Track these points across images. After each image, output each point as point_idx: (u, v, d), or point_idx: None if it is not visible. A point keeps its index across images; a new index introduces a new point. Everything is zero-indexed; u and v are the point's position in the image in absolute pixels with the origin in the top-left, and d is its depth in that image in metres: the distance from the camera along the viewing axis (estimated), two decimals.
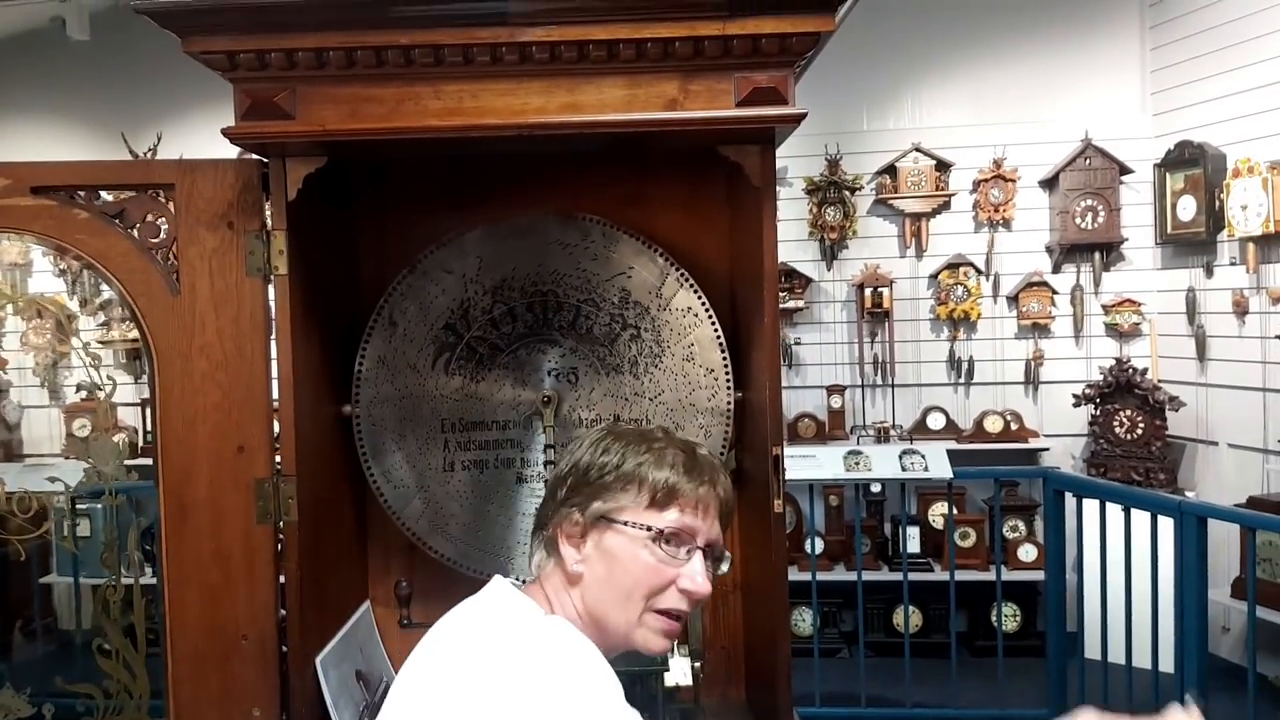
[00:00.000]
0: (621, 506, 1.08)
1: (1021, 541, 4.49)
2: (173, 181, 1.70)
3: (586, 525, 1.09)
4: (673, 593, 1.08)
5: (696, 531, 1.10)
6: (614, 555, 1.07)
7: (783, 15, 1.48)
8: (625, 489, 1.08)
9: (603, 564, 1.08)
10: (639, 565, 1.07)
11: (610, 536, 1.08)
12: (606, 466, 1.10)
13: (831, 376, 4.92)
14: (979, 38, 4.84)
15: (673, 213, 2.00)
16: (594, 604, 1.09)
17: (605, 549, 1.08)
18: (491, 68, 1.50)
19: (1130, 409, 4.49)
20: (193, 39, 1.49)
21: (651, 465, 1.09)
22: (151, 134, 4.96)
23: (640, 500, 1.08)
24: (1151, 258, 4.74)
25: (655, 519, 1.08)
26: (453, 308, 1.92)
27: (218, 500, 1.69)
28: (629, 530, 1.07)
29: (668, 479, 1.09)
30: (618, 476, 1.09)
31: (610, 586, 1.08)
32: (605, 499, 1.08)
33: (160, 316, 1.70)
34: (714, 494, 1.12)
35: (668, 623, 1.09)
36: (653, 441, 1.13)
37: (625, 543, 1.07)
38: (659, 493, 1.08)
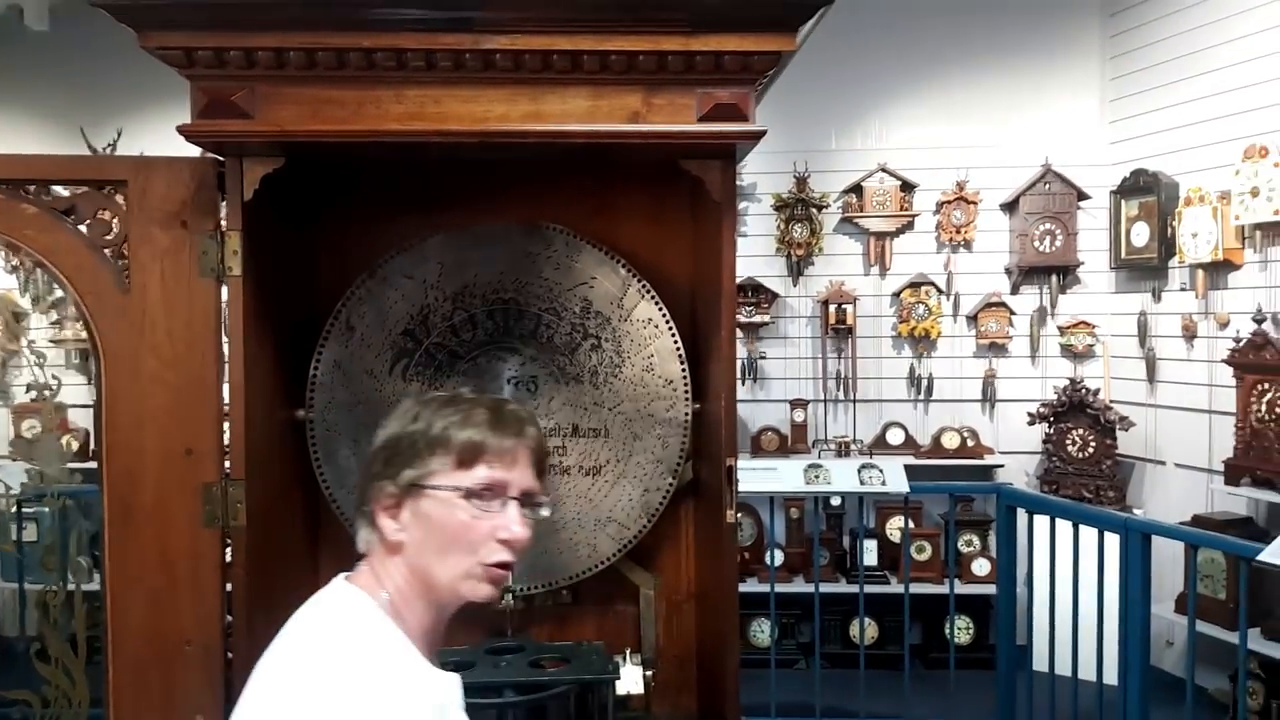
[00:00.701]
0: (431, 471, 1.11)
1: (976, 556, 4.55)
2: (125, 178, 1.67)
3: (400, 495, 1.12)
4: (492, 544, 1.11)
5: (507, 484, 1.12)
6: (430, 518, 1.10)
7: (745, 34, 1.50)
8: (433, 454, 1.11)
9: (420, 529, 1.11)
10: (454, 523, 1.10)
11: (424, 502, 1.11)
12: (415, 434, 1.12)
13: (795, 391, 4.95)
14: (946, 63, 4.92)
15: (637, 224, 2.00)
16: (418, 567, 1.12)
17: (421, 514, 1.11)
18: (455, 74, 1.50)
19: (1082, 428, 4.58)
20: (150, 34, 1.48)
21: (456, 426, 1.12)
22: (112, 129, 4.87)
23: (448, 462, 1.11)
24: (1106, 281, 4.84)
25: (464, 478, 1.10)
26: (412, 314, 1.91)
27: (164, 504, 1.67)
28: (440, 494, 1.10)
29: (472, 437, 1.11)
30: (426, 443, 1.11)
31: (431, 548, 1.11)
32: (415, 466, 1.11)
33: (109, 315, 1.67)
34: (522, 445, 1.14)
35: (493, 572, 1.12)
36: (459, 403, 1.15)
37: (438, 505, 1.10)
38: (465, 452, 1.11)
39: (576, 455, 1.94)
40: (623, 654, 1.92)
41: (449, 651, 1.86)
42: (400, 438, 1.13)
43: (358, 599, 1.12)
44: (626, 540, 1.94)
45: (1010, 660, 3.69)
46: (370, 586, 1.13)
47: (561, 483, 1.94)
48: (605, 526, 1.94)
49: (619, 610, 2.03)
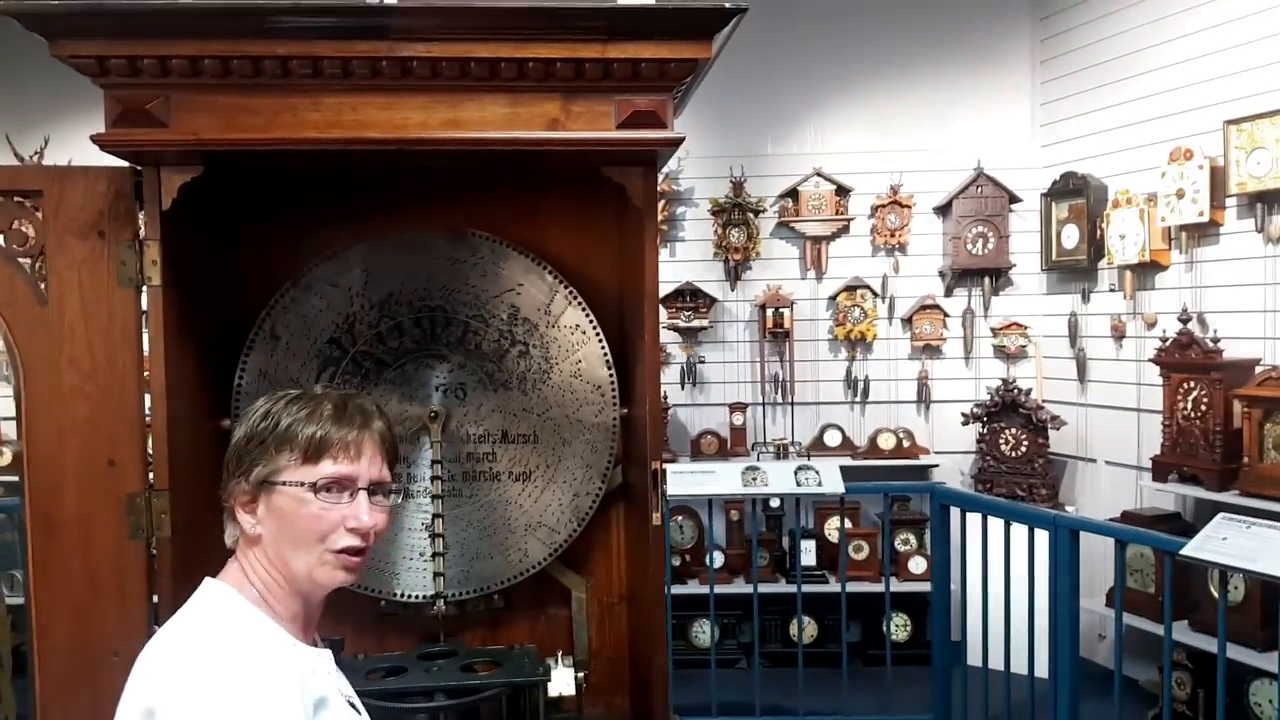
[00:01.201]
0: (280, 468, 1.16)
1: (912, 554, 4.64)
2: (41, 188, 1.65)
3: (254, 492, 1.17)
4: (341, 532, 1.17)
5: (355, 476, 1.18)
6: (282, 512, 1.16)
7: (661, 41, 1.53)
8: (280, 451, 1.16)
9: (274, 522, 1.17)
10: (305, 516, 1.16)
11: (276, 497, 1.16)
12: (264, 432, 1.18)
13: (734, 394, 5.01)
14: (880, 69, 5.02)
15: (564, 231, 2.02)
16: (276, 557, 1.18)
17: (274, 509, 1.17)
18: (371, 81, 1.51)
19: (1015, 427, 4.69)
20: (61, 42, 1.46)
21: (302, 423, 1.17)
22: (38, 136, 4.77)
23: (295, 459, 1.16)
24: (1037, 283, 4.97)
25: (310, 474, 1.16)
26: (338, 322, 1.91)
27: (87, 515, 1.64)
28: (289, 489, 1.16)
29: (315, 433, 1.16)
30: (274, 440, 1.17)
31: (285, 540, 1.17)
32: (265, 464, 1.16)
33: (27, 327, 1.65)
34: (367, 437, 1.20)
35: (345, 559, 1.18)
36: (307, 400, 1.20)
37: (288, 500, 1.16)
38: (310, 448, 1.16)
39: (506, 461, 1.96)
40: (555, 656, 1.93)
41: (380, 658, 1.86)
42: (251, 436, 1.18)
43: (221, 591, 1.18)
44: (557, 544, 1.96)
45: (945, 656, 3.77)
46: (238, 581, 1.19)
47: (491, 489, 1.95)
48: (536, 531, 1.96)
49: (551, 613, 2.05)
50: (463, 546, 1.94)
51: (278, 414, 1.18)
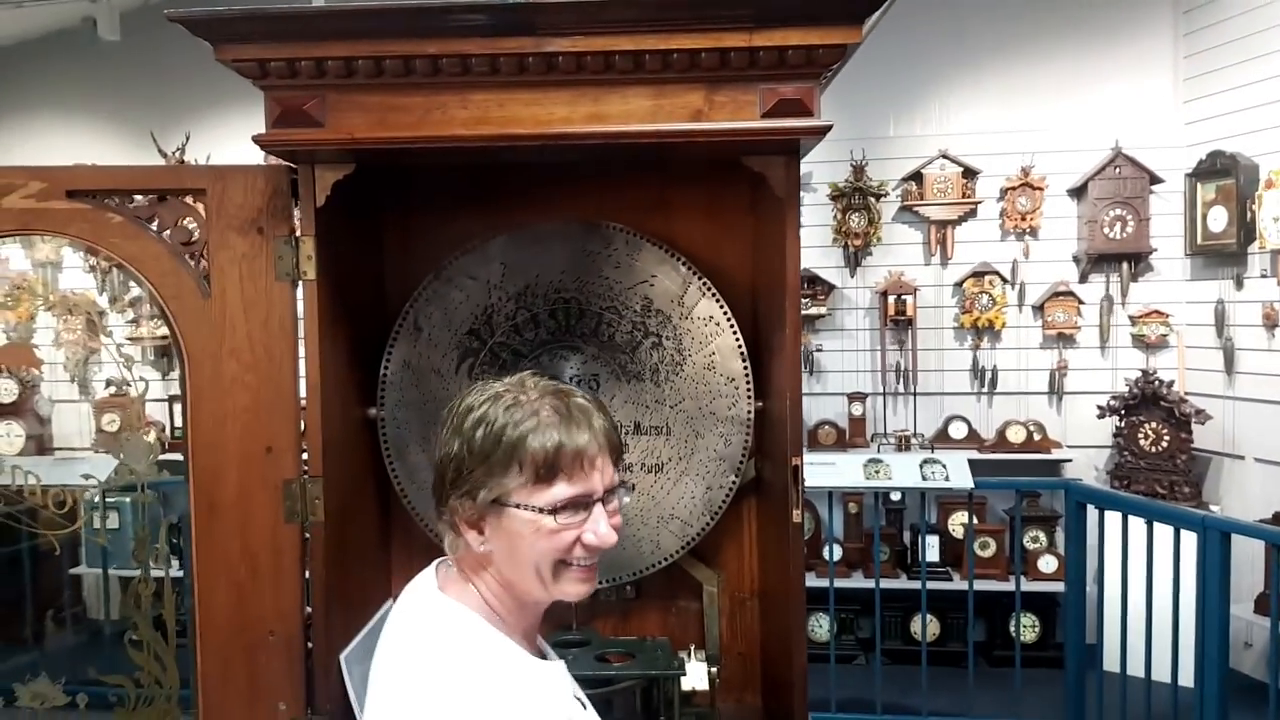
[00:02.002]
0: (509, 490, 1.07)
1: (1042, 552, 4.46)
2: (204, 187, 1.73)
3: (482, 511, 1.09)
4: (580, 548, 1.09)
5: (591, 491, 1.09)
6: (515, 534, 1.07)
7: (809, 27, 1.48)
8: (508, 470, 1.06)
9: (507, 542, 1.08)
10: (541, 539, 1.07)
11: (507, 520, 1.08)
12: (487, 448, 1.07)
13: (853, 384, 4.90)
14: (1008, 44, 4.81)
15: (695, 221, 2.01)
16: (508, 577, 1.11)
17: (505, 530, 1.08)
18: (518, 77, 1.51)
19: (1155, 421, 4.45)
20: (225, 47, 1.52)
21: (529, 437, 1.06)
22: (180, 133, 5.03)
23: (526, 479, 1.06)
24: (1180, 269, 4.69)
25: (545, 497, 1.07)
26: (476, 314, 1.94)
27: (246, 499, 1.72)
28: (523, 513, 1.07)
29: (545, 448, 1.06)
30: (499, 459, 1.06)
31: (518, 561, 1.09)
32: (491, 486, 1.07)
33: (191, 319, 1.73)
34: (596, 441, 1.09)
35: (583, 572, 1.10)
36: (523, 402, 1.10)
37: (523, 523, 1.07)
38: (541, 469, 1.06)
39: (639, 453, 1.96)
40: (686, 650, 1.93)
41: None
42: (472, 451, 1.08)
43: (459, 612, 1.11)
44: (689, 537, 1.95)
45: (1079, 659, 3.61)
46: (465, 596, 1.12)
47: None
48: (668, 523, 1.95)
49: (681, 606, 2.05)
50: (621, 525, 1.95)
51: (495, 422, 1.07)
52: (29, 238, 4.66)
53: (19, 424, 5.10)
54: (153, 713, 1.97)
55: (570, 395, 1.13)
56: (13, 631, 4.15)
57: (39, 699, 2.10)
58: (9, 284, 5.04)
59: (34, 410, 5.23)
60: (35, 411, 5.24)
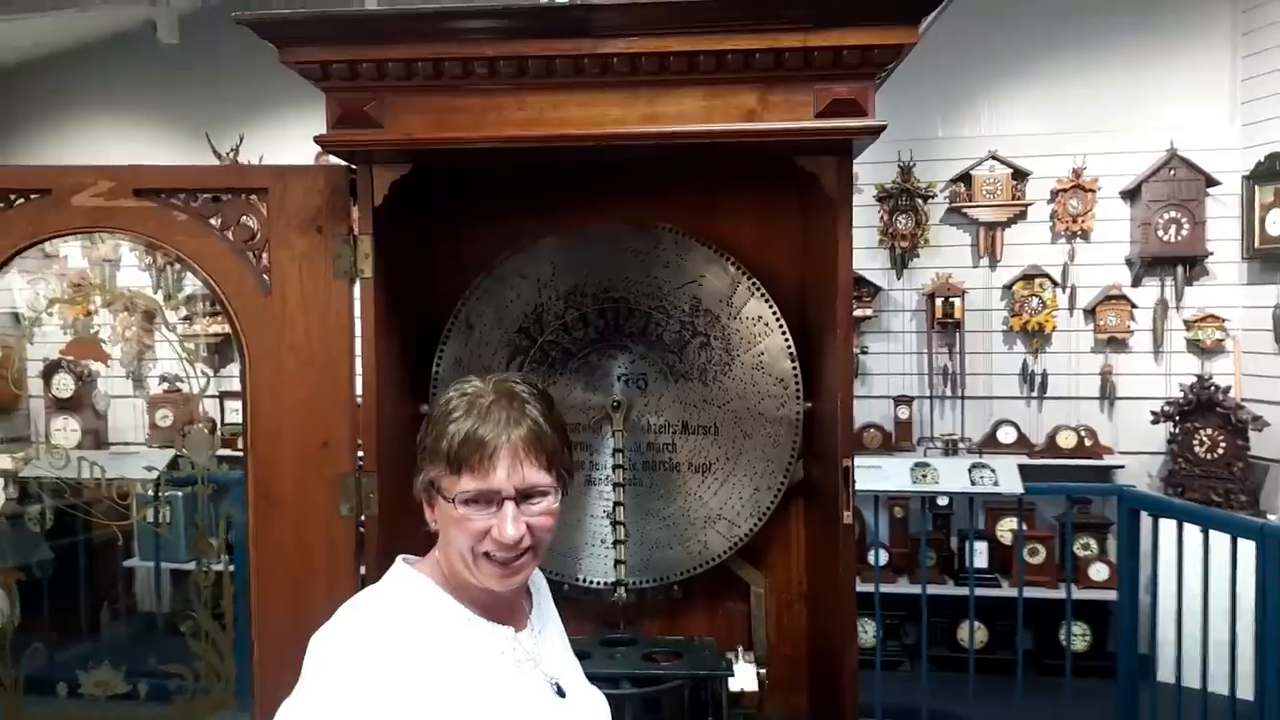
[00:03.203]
0: (437, 476, 1.18)
1: (1093, 560, 4.38)
2: (266, 186, 1.77)
3: (425, 492, 1.20)
4: (489, 542, 1.16)
5: (493, 490, 1.15)
6: (444, 518, 1.18)
7: (866, 27, 1.48)
8: (435, 458, 1.17)
9: (441, 523, 1.20)
10: (456, 523, 1.16)
11: (438, 504, 1.19)
12: (429, 436, 1.19)
13: (899, 387, 4.86)
14: (1059, 44, 4.73)
15: (744, 221, 2.01)
16: (444, 556, 1.21)
17: (439, 513, 1.19)
18: (573, 79, 1.53)
19: (1211, 428, 4.35)
20: (289, 49, 1.56)
21: (448, 426, 1.17)
22: (234, 134, 5.13)
23: (444, 467, 1.16)
24: (1237, 272, 4.58)
25: (456, 486, 1.15)
26: (526, 312, 1.96)
27: (303, 493, 1.76)
28: (442, 500, 1.18)
29: (454, 441, 1.15)
30: (433, 446, 1.17)
31: (447, 543, 1.19)
32: (428, 470, 1.19)
33: (252, 315, 1.77)
34: (503, 445, 1.15)
35: (499, 566, 1.17)
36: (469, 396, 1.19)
37: (443, 509, 1.18)
38: (452, 462, 1.16)
39: (686, 452, 1.96)
40: (733, 651, 1.93)
41: None
42: (422, 436, 1.21)
43: (404, 568, 1.24)
44: (737, 538, 1.95)
45: (1132, 670, 3.54)
46: (426, 562, 1.24)
47: (671, 479, 1.96)
48: (715, 524, 1.95)
49: (728, 607, 2.05)
50: (643, 535, 1.96)
51: (440, 413, 1.19)
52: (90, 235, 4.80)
53: (76, 419, 5.24)
54: (210, 702, 2.02)
55: (510, 395, 1.20)
56: (71, 622, 4.26)
57: (102, 687, 2.16)
58: (69, 281, 5.18)
59: (92, 405, 5.37)
60: (93, 406, 5.38)
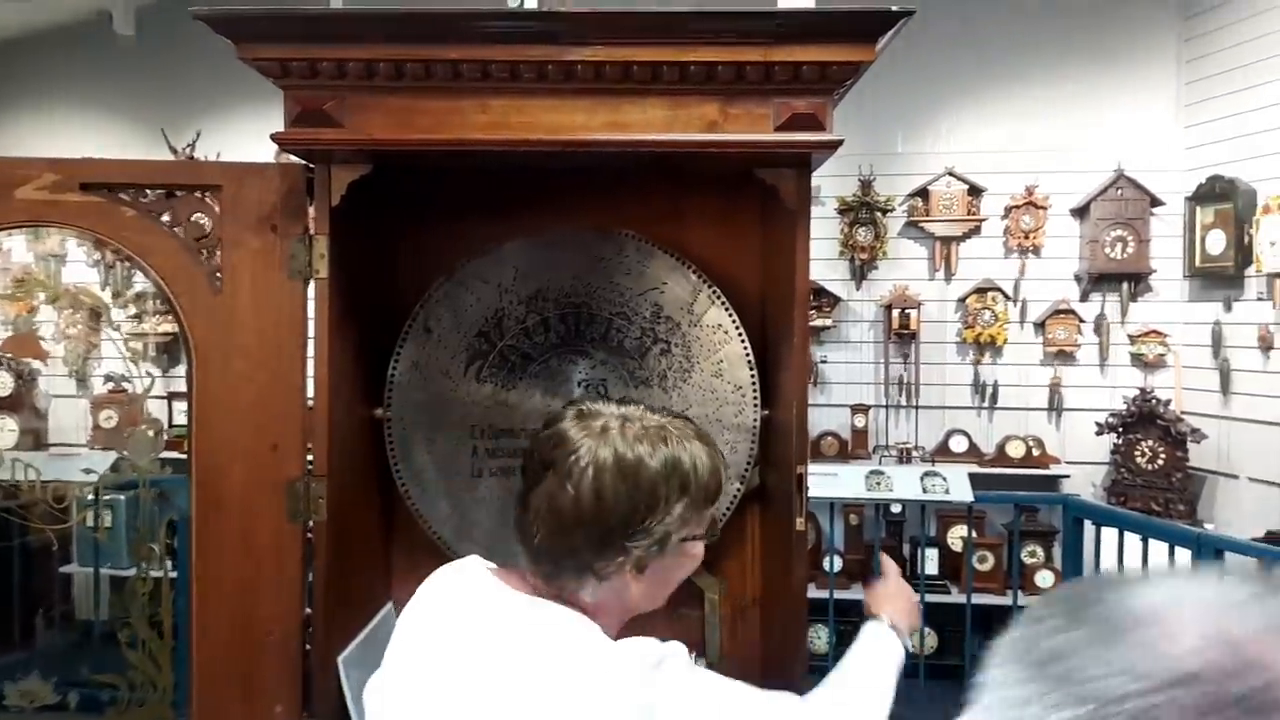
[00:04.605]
0: (695, 526, 1.12)
1: (1039, 567, 4.46)
2: (220, 183, 1.74)
3: (662, 554, 1.10)
4: None
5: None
6: (672, 563, 1.12)
7: (824, 44, 1.50)
8: (690, 512, 1.10)
9: (659, 574, 1.12)
10: (691, 561, 1.14)
11: (672, 554, 1.11)
12: (678, 491, 1.08)
13: (856, 395, 4.92)
14: (1016, 66, 4.84)
15: (706, 230, 2.02)
16: (638, 605, 1.13)
17: (665, 565, 1.12)
18: (537, 84, 1.53)
19: (1152, 439, 4.47)
20: (247, 45, 1.53)
21: (708, 469, 1.11)
22: (191, 130, 5.04)
23: (703, 508, 1.12)
24: (1179, 290, 4.72)
25: (701, 523, 1.13)
26: (487, 316, 1.95)
27: (249, 497, 1.73)
28: (698, 545, 1.13)
29: (714, 486, 1.12)
30: (692, 498, 1.09)
31: (662, 587, 1.13)
32: (679, 531, 1.09)
33: (201, 315, 1.74)
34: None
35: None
36: (691, 435, 1.13)
37: (684, 554, 1.13)
38: (709, 503, 1.12)
39: None
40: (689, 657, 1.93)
41: None
42: (648, 503, 1.07)
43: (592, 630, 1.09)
44: None
45: None
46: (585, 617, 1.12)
47: None
48: None
49: (683, 614, 2.04)
50: None
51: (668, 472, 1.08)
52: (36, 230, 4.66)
53: (14, 418, 5.08)
54: (145, 713, 1.97)
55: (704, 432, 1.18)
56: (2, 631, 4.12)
57: (28, 698, 2.10)
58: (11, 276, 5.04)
59: (32, 404, 5.22)
60: (33, 405, 5.23)
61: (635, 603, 1.13)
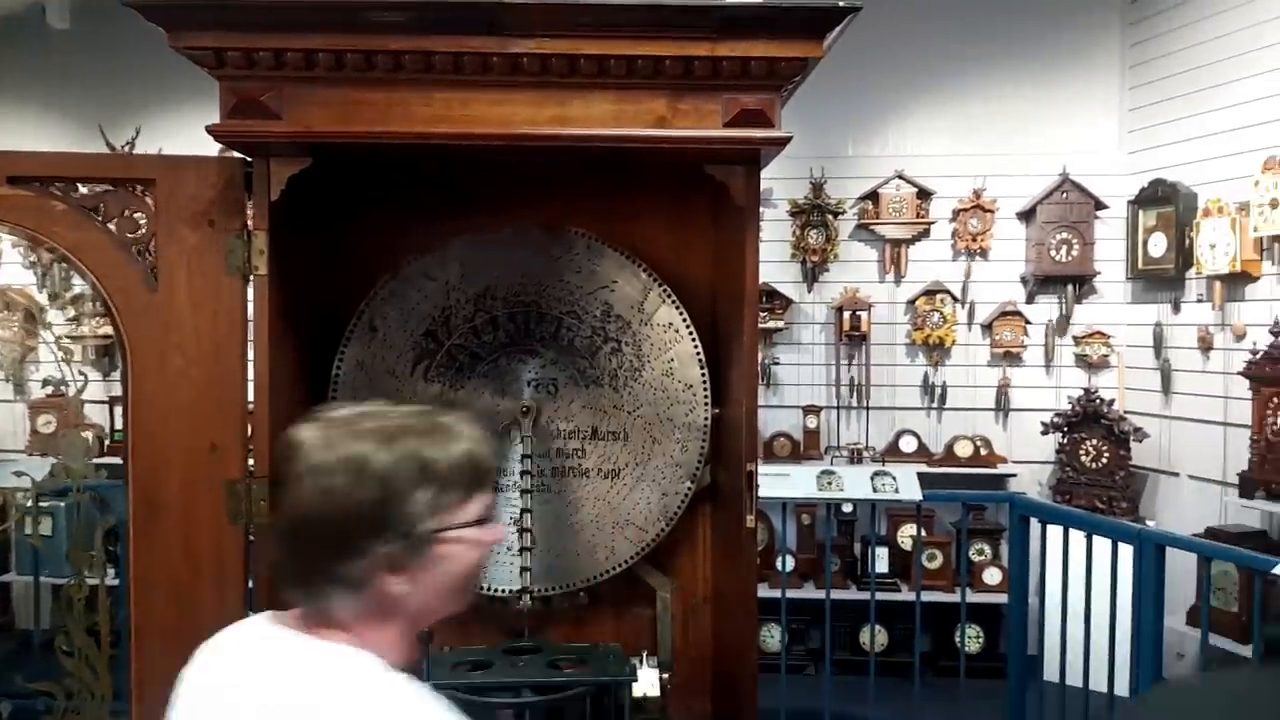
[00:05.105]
0: (452, 515, 1.00)
1: (987, 565, 4.53)
2: (154, 177, 1.69)
3: (415, 549, 0.99)
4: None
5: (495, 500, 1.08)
6: (448, 560, 1.01)
7: (772, 39, 1.51)
8: (446, 493, 1.00)
9: (433, 574, 1.01)
10: (476, 556, 1.03)
11: (440, 547, 1.00)
12: (416, 480, 0.99)
13: (808, 397, 4.94)
14: (964, 71, 4.91)
15: (657, 229, 2.01)
16: (420, 614, 1.03)
17: (437, 558, 1.00)
18: (482, 77, 1.51)
19: (1096, 438, 4.56)
20: (180, 34, 1.49)
21: (458, 454, 1.02)
22: (130, 127, 4.91)
23: (461, 495, 1.01)
24: (1122, 292, 4.82)
25: (475, 508, 1.03)
26: (434, 314, 1.92)
27: (188, 499, 1.68)
28: (464, 533, 1.02)
29: (479, 461, 1.03)
30: (440, 486, 1.00)
31: (444, 590, 1.02)
32: (431, 519, 0.99)
33: (136, 312, 1.69)
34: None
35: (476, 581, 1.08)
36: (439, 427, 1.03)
37: (456, 545, 1.01)
38: (475, 482, 1.03)
39: (596, 458, 1.95)
40: (639, 656, 1.92)
41: (466, 651, 1.87)
42: (396, 492, 0.98)
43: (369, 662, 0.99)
44: (645, 543, 1.95)
45: (1021, 670, 3.67)
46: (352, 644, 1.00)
47: (580, 485, 1.95)
48: (624, 529, 1.94)
49: (635, 612, 2.04)
50: (550, 542, 1.94)
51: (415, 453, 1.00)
52: None
53: None
54: None
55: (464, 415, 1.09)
56: None
57: None
58: None
59: None
60: None
61: (415, 608, 1.02)
